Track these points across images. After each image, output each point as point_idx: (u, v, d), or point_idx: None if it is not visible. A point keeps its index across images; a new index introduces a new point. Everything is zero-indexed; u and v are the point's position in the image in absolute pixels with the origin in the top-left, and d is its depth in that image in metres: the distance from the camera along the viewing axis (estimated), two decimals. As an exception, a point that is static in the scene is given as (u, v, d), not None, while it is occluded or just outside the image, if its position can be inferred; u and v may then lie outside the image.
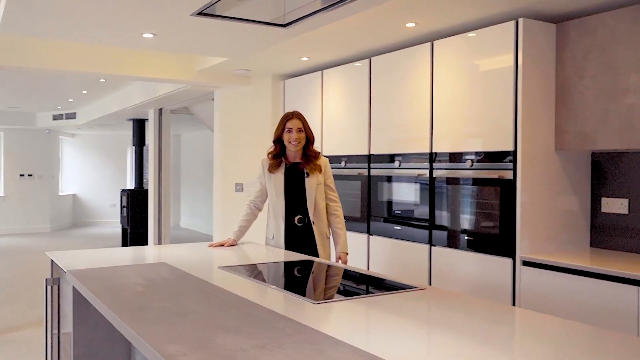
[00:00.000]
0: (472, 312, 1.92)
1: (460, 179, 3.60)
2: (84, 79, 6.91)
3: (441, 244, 3.72)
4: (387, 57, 4.19)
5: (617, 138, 3.05)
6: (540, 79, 3.30)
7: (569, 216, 3.44)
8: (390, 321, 1.80)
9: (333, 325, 1.73)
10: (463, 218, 3.59)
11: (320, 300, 2.00)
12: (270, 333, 1.60)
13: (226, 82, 5.49)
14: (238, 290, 2.16)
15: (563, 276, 2.97)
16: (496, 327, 1.77)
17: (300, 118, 3.27)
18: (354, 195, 4.55)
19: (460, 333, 1.67)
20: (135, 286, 2.21)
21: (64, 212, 12.83)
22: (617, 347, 1.56)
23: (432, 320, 1.84)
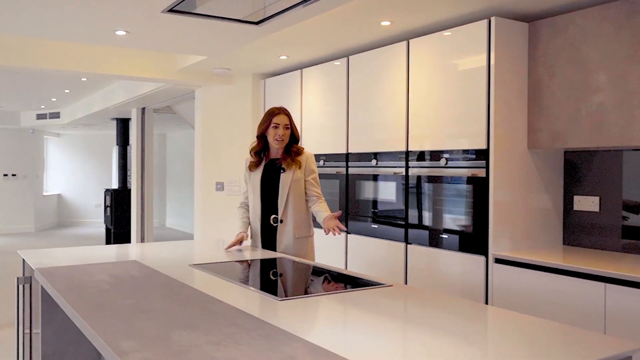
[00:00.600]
0: (434, 307, 1.94)
1: (435, 178, 3.62)
2: (66, 78, 6.86)
3: (417, 242, 3.74)
4: (364, 55, 4.20)
5: (587, 136, 3.08)
6: (513, 77, 3.33)
7: (542, 214, 3.47)
8: (350, 317, 1.81)
9: (293, 322, 1.74)
10: (438, 216, 3.61)
11: (284, 297, 2.00)
12: (228, 329, 1.60)
13: (207, 81, 5.48)
14: (204, 287, 2.16)
15: (534, 273, 3.00)
16: (456, 321, 1.78)
17: (288, 114, 3.14)
18: (333, 194, 4.55)
19: (419, 328, 1.68)
20: (100, 284, 2.20)
21: (48, 212, 12.73)
22: (581, 343, 1.58)
23: (393, 316, 1.85)
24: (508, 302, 3.13)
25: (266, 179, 3.17)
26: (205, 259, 2.88)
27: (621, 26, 2.93)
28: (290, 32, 3.89)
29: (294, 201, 3.11)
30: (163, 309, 1.84)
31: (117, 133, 9.42)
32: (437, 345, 1.52)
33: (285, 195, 3.10)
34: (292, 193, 3.11)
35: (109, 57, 5.02)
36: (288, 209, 3.11)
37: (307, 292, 2.23)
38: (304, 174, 3.15)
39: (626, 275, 2.59)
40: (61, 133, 13.13)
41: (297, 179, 3.11)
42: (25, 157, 11.86)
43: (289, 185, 3.10)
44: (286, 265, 2.76)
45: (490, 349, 1.54)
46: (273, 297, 2.00)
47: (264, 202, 3.17)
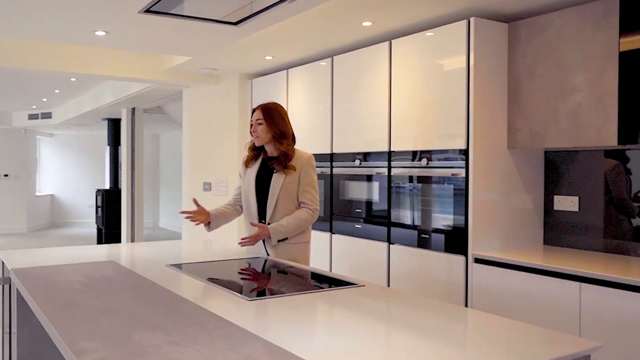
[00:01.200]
0: (402, 307, 1.95)
1: (416, 178, 3.63)
2: (55, 78, 6.86)
3: (399, 242, 3.75)
4: (348, 56, 4.21)
5: (565, 136, 3.09)
6: (492, 78, 3.34)
7: (522, 214, 3.48)
8: (317, 318, 1.82)
9: (258, 322, 1.75)
10: (419, 216, 3.62)
11: (254, 297, 2.01)
12: (190, 330, 1.61)
13: (194, 81, 5.48)
14: (175, 287, 2.16)
15: (513, 273, 3.01)
16: (422, 320, 1.79)
17: (263, 111, 2.94)
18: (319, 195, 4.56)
19: (384, 327, 1.69)
20: (73, 284, 2.20)
21: (41, 213, 12.71)
22: (539, 341, 1.59)
23: (359, 316, 1.86)
24: (487, 302, 3.14)
25: (260, 178, 2.98)
26: (184, 259, 2.88)
27: (597, 26, 2.94)
28: (274, 32, 3.90)
29: (284, 205, 2.89)
30: (130, 308, 1.84)
31: (108, 133, 9.42)
32: (400, 345, 1.53)
33: (274, 198, 2.89)
34: (282, 197, 2.89)
35: (97, 58, 5.01)
36: (277, 212, 2.89)
37: (278, 292, 2.23)
38: (299, 177, 2.90)
39: (600, 275, 2.61)
40: (54, 133, 13.11)
41: (289, 182, 2.88)
42: (18, 158, 11.84)
43: (280, 188, 2.88)
44: (263, 265, 2.76)
45: (450, 347, 1.55)
46: (243, 297, 2.01)
47: (260, 203, 2.96)
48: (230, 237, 4.09)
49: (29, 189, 12.10)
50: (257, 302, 1.96)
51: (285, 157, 2.91)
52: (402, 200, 3.75)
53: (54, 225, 13.24)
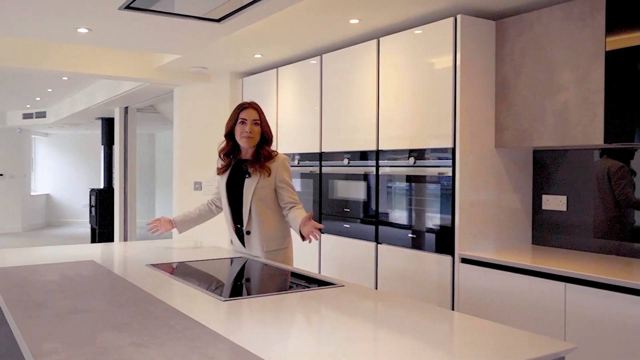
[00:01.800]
0: (380, 308, 1.91)
1: (404, 177, 3.60)
2: (47, 77, 6.83)
3: (387, 242, 3.72)
4: (337, 54, 4.18)
5: (553, 135, 3.06)
6: (480, 76, 3.31)
7: (510, 213, 3.45)
8: (289, 319, 1.79)
9: (228, 323, 1.71)
10: (407, 216, 3.59)
11: (228, 297, 1.98)
12: (157, 330, 1.58)
13: (185, 79, 5.45)
14: (150, 287, 2.13)
15: (499, 273, 2.98)
16: (402, 321, 1.76)
17: (257, 109, 2.82)
18: (307, 194, 4.53)
19: (356, 328, 1.66)
20: (47, 284, 2.17)
21: (36, 212, 12.68)
22: (513, 343, 1.56)
23: (332, 317, 1.83)
24: (474, 303, 3.11)
25: (232, 183, 2.86)
26: (166, 259, 2.85)
27: (584, 24, 2.91)
28: (263, 30, 3.87)
29: (258, 211, 2.77)
30: (101, 309, 1.81)
31: (102, 133, 9.38)
32: (373, 347, 1.50)
33: (248, 203, 2.77)
34: (256, 202, 2.77)
35: (88, 56, 4.98)
36: (252, 219, 2.78)
37: (255, 292, 2.20)
38: (275, 181, 2.78)
39: (585, 275, 2.58)
40: (50, 133, 13.07)
41: (262, 186, 2.76)
42: (13, 157, 11.80)
43: (252, 193, 2.76)
44: (243, 266, 2.73)
45: (422, 346, 1.52)
46: (217, 297, 1.98)
47: (233, 209, 2.87)
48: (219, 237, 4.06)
49: (24, 188, 12.06)
50: (230, 302, 1.93)
51: (268, 158, 2.80)
52: (390, 200, 3.72)
53: (49, 225, 13.20)
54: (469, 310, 3.13)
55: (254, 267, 2.68)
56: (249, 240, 2.86)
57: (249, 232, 2.83)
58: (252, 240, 2.84)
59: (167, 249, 3.19)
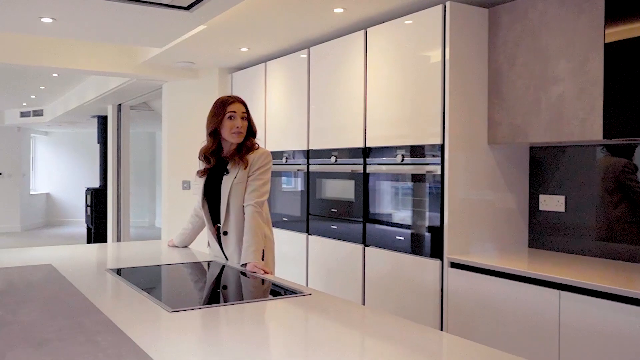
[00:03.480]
0: (337, 321, 1.71)
1: (391, 175, 3.39)
2: (38, 74, 6.68)
3: (374, 244, 3.51)
4: (324, 47, 3.98)
5: (547, 130, 2.84)
6: (471, 67, 3.09)
7: (505, 214, 3.23)
8: (234, 332, 1.59)
9: (163, 338, 1.52)
10: (394, 217, 3.38)
11: (177, 308, 1.78)
12: (80, 348, 1.39)
13: (172, 75, 5.27)
14: (97, 295, 1.94)
15: (490, 279, 2.77)
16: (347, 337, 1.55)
17: (244, 103, 2.64)
18: (295, 193, 4.34)
19: (302, 344, 1.46)
20: (-15, 292, 1.99)
21: (35, 212, 12.57)
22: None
23: (283, 331, 1.63)
24: (464, 310, 2.90)
25: (210, 182, 2.68)
26: (133, 262, 2.64)
27: (581, 10, 2.69)
28: (245, 21, 3.67)
29: (235, 209, 2.58)
30: (28, 321, 1.62)
31: (97, 131, 9.22)
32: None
33: (225, 202, 2.59)
34: (232, 199, 2.58)
35: (73, 52, 4.82)
36: (230, 218, 2.60)
37: (209, 302, 2.01)
38: (248, 174, 2.58)
39: (580, 282, 2.36)
40: (49, 131, 12.97)
41: (238, 182, 2.57)
42: (11, 156, 11.69)
43: (229, 189, 2.58)
44: (209, 271, 2.54)
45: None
46: (165, 308, 1.78)
47: (211, 210, 2.69)
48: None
49: (23, 187, 11.96)
50: (178, 314, 1.73)
51: (249, 149, 2.61)
52: (378, 200, 3.51)
53: (49, 224, 13.10)
54: (459, 318, 2.92)
55: (220, 273, 2.49)
56: (225, 242, 2.67)
57: (226, 233, 2.65)
58: (228, 241, 2.65)
59: (142, 251, 3.01)
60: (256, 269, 2.39)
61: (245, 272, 2.43)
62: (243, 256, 2.49)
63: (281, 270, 4.43)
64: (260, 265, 2.41)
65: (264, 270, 2.39)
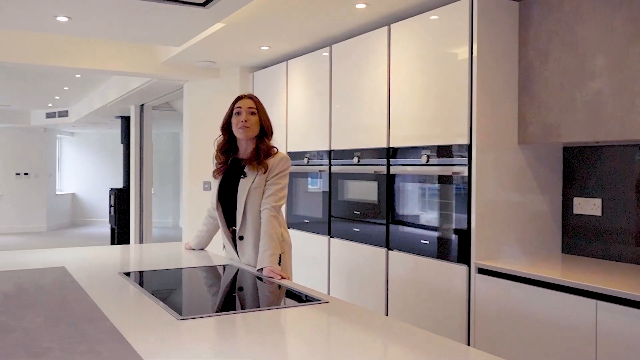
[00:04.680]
0: (354, 331, 1.59)
1: (416, 177, 3.25)
2: (62, 75, 6.70)
3: (398, 248, 3.38)
4: (346, 44, 3.86)
5: (583, 129, 2.68)
6: (500, 64, 2.94)
7: (536, 218, 3.07)
8: (249, 341, 1.48)
9: (168, 349, 1.42)
10: (419, 220, 3.24)
11: (187, 316, 1.68)
12: (79, 357, 1.30)
13: (193, 75, 5.21)
14: (106, 300, 1.86)
15: (520, 286, 2.62)
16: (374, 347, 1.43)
17: (254, 99, 2.59)
18: (316, 194, 4.23)
19: (322, 356, 1.35)
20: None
21: (61, 211, 12.70)
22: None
23: (297, 342, 1.52)
24: (492, 319, 2.75)
25: (226, 184, 2.60)
26: (146, 266, 2.57)
27: (620, 2, 2.52)
28: (265, 19, 3.58)
29: (252, 214, 2.51)
30: (31, 328, 1.54)
31: (121, 131, 9.25)
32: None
33: (242, 206, 2.51)
34: (250, 204, 2.50)
35: (94, 52, 4.79)
36: (247, 223, 2.53)
37: (221, 309, 1.91)
38: (266, 179, 2.51)
39: (619, 292, 2.19)
40: (75, 132, 13.10)
41: (256, 186, 2.50)
42: (37, 156, 11.83)
43: (246, 194, 2.50)
44: (224, 275, 2.44)
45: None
46: (174, 314, 1.69)
47: (226, 213, 2.61)
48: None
49: (49, 187, 12.08)
50: (187, 322, 1.64)
51: (267, 154, 2.53)
52: (402, 202, 3.38)
53: (74, 224, 13.22)
54: (487, 327, 2.77)
55: (235, 278, 2.39)
56: (241, 247, 2.59)
57: (242, 238, 2.56)
58: (245, 247, 2.57)
59: (158, 254, 2.93)
60: (272, 273, 2.29)
61: (261, 277, 2.32)
62: (259, 260, 2.41)
63: (302, 273, 4.32)
64: (277, 270, 2.32)
65: (281, 275, 2.29)
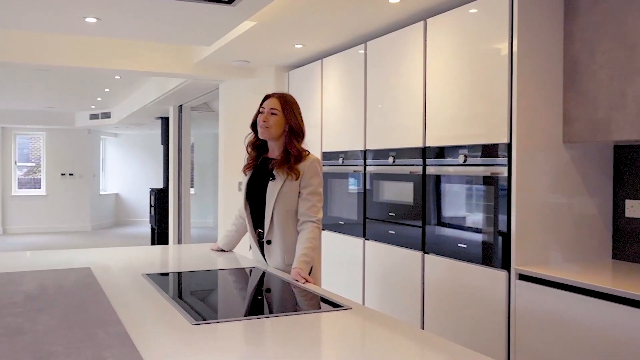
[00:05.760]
0: (372, 340, 1.48)
1: (453, 177, 3.11)
2: (103, 77, 6.80)
3: (435, 252, 3.23)
4: (380, 41, 3.74)
5: (635, 126, 2.48)
6: (544, 57, 2.77)
7: (584, 221, 2.88)
8: (258, 350, 1.39)
9: (179, 355, 1.34)
10: (456, 222, 3.09)
11: (200, 320, 1.61)
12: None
13: (228, 74, 5.18)
14: (122, 302, 1.80)
15: (565, 294, 2.44)
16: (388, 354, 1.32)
17: (279, 99, 2.50)
18: (351, 195, 4.12)
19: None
20: (13, 295, 1.90)
21: (105, 211, 12.98)
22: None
23: (309, 353, 1.41)
24: (533, 328, 2.58)
25: (254, 184, 2.54)
26: (173, 267, 2.51)
27: (677, -14, 2.32)
28: (297, 16, 3.50)
29: (281, 218, 2.43)
30: (43, 331, 1.49)
31: (161, 132, 9.35)
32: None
33: (270, 209, 2.43)
34: (278, 208, 2.42)
35: (131, 53, 4.82)
36: (274, 227, 2.45)
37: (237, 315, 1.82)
38: (300, 185, 2.43)
39: (675, 304, 2.00)
40: (118, 133, 13.37)
41: (287, 191, 2.42)
42: (82, 157, 12.12)
43: (275, 197, 2.42)
44: (250, 277, 2.36)
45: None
46: (190, 320, 1.61)
47: (253, 214, 2.55)
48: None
49: (93, 188, 12.37)
50: (200, 327, 1.56)
51: (298, 158, 2.44)
52: (438, 204, 3.23)
53: (117, 224, 13.49)
54: (528, 337, 2.60)
55: (259, 282, 2.30)
56: (269, 251, 2.51)
57: (270, 242, 2.48)
58: (272, 251, 2.49)
59: (188, 255, 2.88)
60: (299, 277, 2.20)
61: (287, 280, 2.23)
62: (296, 260, 2.32)
63: (336, 276, 4.22)
64: (303, 274, 2.22)
65: (306, 279, 2.19)
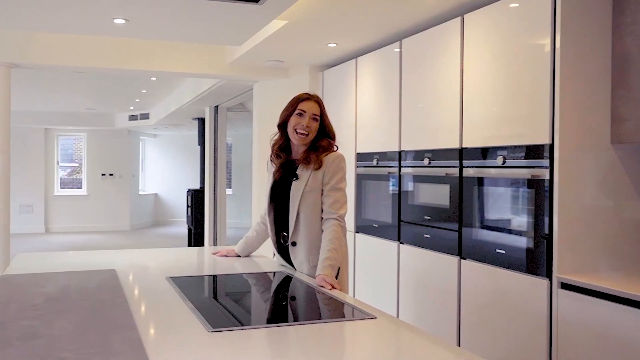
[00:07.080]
0: (394, 352, 1.38)
1: (491, 180, 2.96)
2: (140, 78, 6.87)
3: (471, 257, 3.09)
4: (416, 38, 3.62)
5: (690, 126, 2.30)
6: (590, 53, 2.61)
7: (632, 227, 2.69)
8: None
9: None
10: (494, 227, 2.94)
11: (217, 327, 1.54)
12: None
13: (262, 75, 5.14)
14: (141, 307, 1.76)
15: (611, 305, 2.28)
16: None
17: (320, 103, 2.41)
18: (385, 197, 4.00)
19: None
20: (34, 297, 1.87)
21: (144, 211, 13.17)
22: None
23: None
24: (577, 341, 2.42)
25: (277, 187, 2.46)
26: (189, 272, 2.43)
27: None
28: (329, 14, 3.42)
29: (306, 219, 2.35)
30: (58, 335, 1.45)
31: (198, 133, 9.41)
32: None
33: (295, 211, 2.35)
34: (303, 208, 2.35)
35: (165, 54, 4.84)
36: (299, 228, 2.37)
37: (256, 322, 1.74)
38: (323, 182, 2.35)
39: None
40: (157, 134, 13.56)
41: (311, 189, 2.34)
42: (122, 158, 12.34)
43: (300, 197, 2.34)
44: (273, 282, 2.29)
45: None
46: (207, 326, 1.55)
47: (277, 217, 2.47)
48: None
49: (132, 188, 12.57)
50: (216, 334, 1.49)
51: (326, 148, 2.38)
52: (475, 207, 3.09)
53: (156, 223, 13.67)
54: (572, 350, 2.45)
55: (282, 287, 2.23)
56: (294, 253, 2.43)
57: (295, 244, 2.40)
58: (297, 253, 2.41)
59: (212, 258, 2.83)
60: (324, 282, 2.11)
61: (312, 285, 2.15)
62: (317, 268, 2.24)
63: (370, 280, 4.12)
64: (329, 279, 2.13)
65: (332, 286, 2.10)
